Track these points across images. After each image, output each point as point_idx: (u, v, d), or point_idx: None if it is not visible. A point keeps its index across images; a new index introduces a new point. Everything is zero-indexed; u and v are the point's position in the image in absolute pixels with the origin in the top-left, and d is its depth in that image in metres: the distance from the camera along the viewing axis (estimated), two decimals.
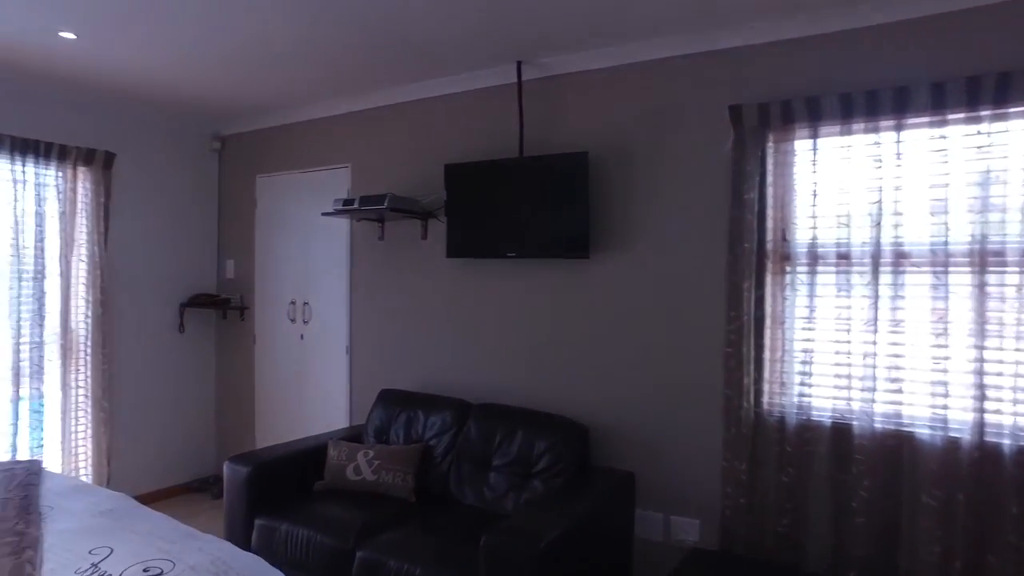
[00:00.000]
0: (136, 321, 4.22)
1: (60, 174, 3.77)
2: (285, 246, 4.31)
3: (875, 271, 2.45)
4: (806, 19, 2.59)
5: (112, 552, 1.90)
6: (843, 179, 2.53)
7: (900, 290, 2.42)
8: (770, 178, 2.67)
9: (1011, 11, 2.26)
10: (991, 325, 2.26)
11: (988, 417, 2.26)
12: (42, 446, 3.78)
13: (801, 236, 2.62)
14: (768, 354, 2.68)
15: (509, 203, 3.19)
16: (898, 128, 2.41)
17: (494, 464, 3.02)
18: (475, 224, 3.32)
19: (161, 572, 1.79)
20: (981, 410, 2.26)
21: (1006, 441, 2.23)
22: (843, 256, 2.53)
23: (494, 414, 3.15)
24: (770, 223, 2.66)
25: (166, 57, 3.21)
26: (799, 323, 2.62)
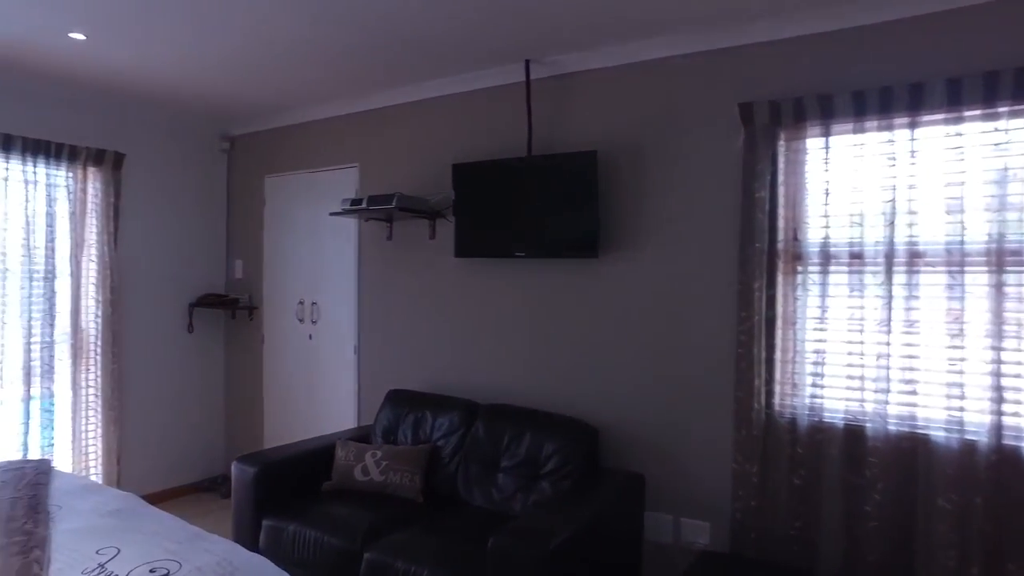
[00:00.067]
0: (146, 321, 4.23)
1: (70, 175, 3.79)
2: (294, 246, 4.31)
3: (888, 271, 2.41)
4: (818, 16, 2.55)
5: (119, 552, 1.90)
6: (856, 177, 2.49)
7: (914, 290, 2.38)
8: (781, 177, 2.63)
9: None
10: (1009, 326, 2.22)
11: (1006, 419, 2.21)
12: (53, 445, 3.80)
13: (813, 235, 2.59)
14: (780, 355, 2.64)
15: (517, 203, 3.18)
16: (912, 126, 2.37)
17: (502, 465, 3.00)
18: (483, 224, 3.30)
19: (168, 573, 1.79)
20: (999, 412, 2.21)
21: None
22: (856, 256, 2.49)
23: (502, 415, 3.13)
24: (781, 222, 2.63)
25: (175, 58, 3.22)
26: (811, 323, 2.59)
